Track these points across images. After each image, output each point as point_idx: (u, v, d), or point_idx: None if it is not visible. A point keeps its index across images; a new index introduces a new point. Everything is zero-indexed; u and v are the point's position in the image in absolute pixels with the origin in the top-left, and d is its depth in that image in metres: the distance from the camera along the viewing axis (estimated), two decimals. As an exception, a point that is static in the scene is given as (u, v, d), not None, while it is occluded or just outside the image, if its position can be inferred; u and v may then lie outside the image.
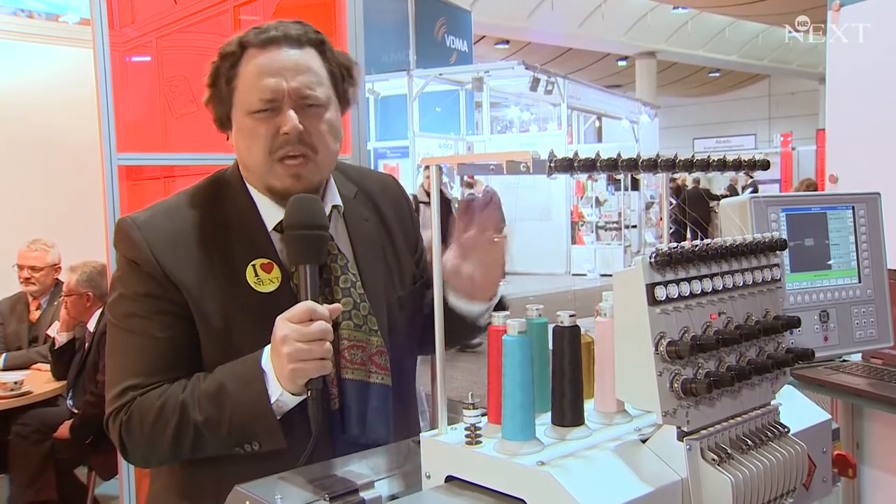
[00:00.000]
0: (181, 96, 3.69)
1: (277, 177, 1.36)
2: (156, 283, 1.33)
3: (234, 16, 3.50)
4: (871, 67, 3.04)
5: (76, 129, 4.89)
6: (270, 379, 1.25)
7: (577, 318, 1.04)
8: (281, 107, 1.34)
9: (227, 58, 1.37)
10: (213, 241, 1.37)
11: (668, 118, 24.71)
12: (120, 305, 1.36)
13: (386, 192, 1.60)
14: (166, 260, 1.33)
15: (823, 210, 1.58)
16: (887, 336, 1.61)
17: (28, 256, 4.46)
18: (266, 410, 1.25)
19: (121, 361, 1.35)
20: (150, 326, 1.33)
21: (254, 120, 1.35)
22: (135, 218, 1.37)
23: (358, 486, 1.04)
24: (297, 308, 1.24)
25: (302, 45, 1.38)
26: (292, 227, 1.31)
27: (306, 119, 1.35)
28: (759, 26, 21.39)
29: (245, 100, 1.35)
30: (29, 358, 4.37)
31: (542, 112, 17.76)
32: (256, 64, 1.35)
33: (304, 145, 1.35)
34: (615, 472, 0.94)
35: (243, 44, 1.36)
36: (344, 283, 1.40)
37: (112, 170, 2.78)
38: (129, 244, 1.35)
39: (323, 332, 1.23)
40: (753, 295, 1.05)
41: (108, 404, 1.34)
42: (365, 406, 1.38)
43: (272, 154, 1.35)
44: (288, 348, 1.21)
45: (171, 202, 1.43)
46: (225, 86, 1.37)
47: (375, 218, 1.54)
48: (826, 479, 1.15)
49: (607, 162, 0.97)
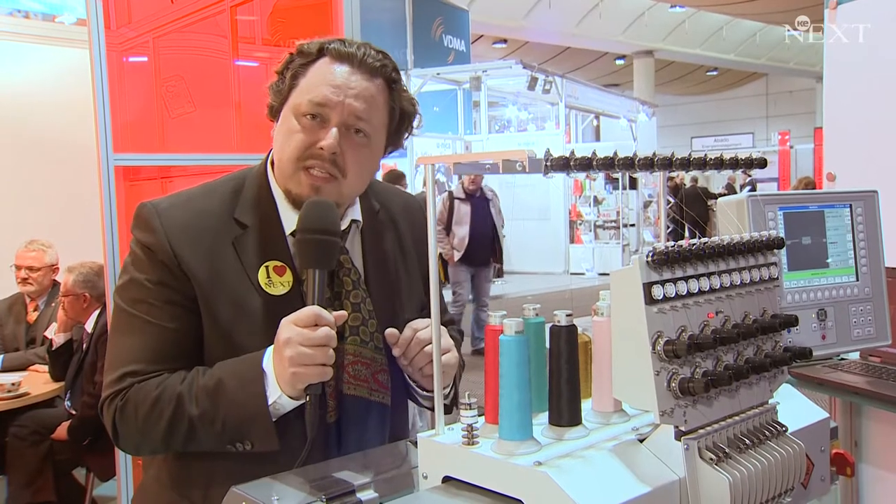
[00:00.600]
0: (178, 97, 3.69)
1: (298, 184, 1.36)
2: (169, 273, 1.33)
3: (231, 16, 3.49)
4: (868, 65, 3.04)
5: (73, 129, 4.89)
6: (270, 380, 1.25)
7: (575, 318, 1.03)
8: (328, 121, 1.34)
9: (303, 56, 1.38)
10: (230, 237, 1.36)
11: (665, 117, 24.73)
12: (130, 290, 1.35)
13: (408, 212, 1.59)
14: (182, 251, 1.33)
15: (821, 208, 1.58)
16: (885, 334, 1.61)
17: (26, 257, 4.45)
18: (262, 412, 1.25)
19: (123, 345, 1.34)
20: (157, 314, 1.32)
21: (298, 122, 1.35)
22: (156, 204, 1.37)
23: (354, 487, 1.04)
24: (303, 312, 1.23)
25: (376, 75, 1.38)
26: (304, 231, 1.31)
27: (347, 143, 1.35)
28: (756, 25, 21.40)
29: (298, 99, 1.36)
30: (26, 359, 4.36)
31: (540, 111, 17.77)
32: (324, 71, 1.36)
33: (335, 166, 1.35)
34: (613, 472, 0.94)
35: (322, 49, 1.37)
36: (354, 299, 1.40)
37: (109, 170, 2.78)
38: (148, 230, 1.35)
39: (327, 337, 1.22)
40: (751, 294, 1.05)
41: (105, 388, 1.33)
42: (364, 423, 1.38)
43: (300, 161, 1.35)
44: (291, 351, 1.21)
45: (194, 193, 1.43)
46: (289, 80, 1.38)
47: (393, 238, 1.53)
48: (824, 477, 1.14)
49: (604, 161, 0.97)
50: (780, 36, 21.18)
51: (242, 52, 3.45)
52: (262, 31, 3.53)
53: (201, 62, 3.74)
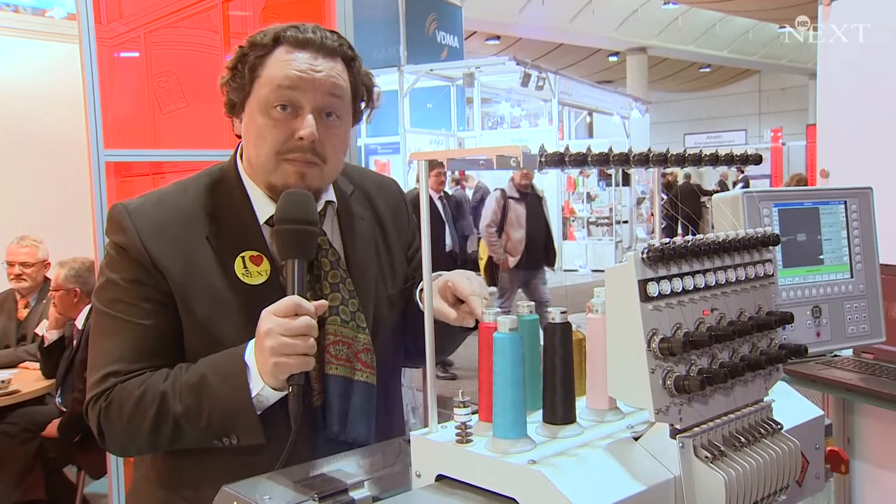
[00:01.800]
0: (170, 92, 3.67)
1: (282, 174, 1.36)
2: (143, 270, 1.32)
3: (223, 11, 3.48)
4: (861, 62, 3.04)
5: (63, 124, 4.85)
6: (253, 373, 1.25)
7: (569, 315, 1.03)
8: (300, 110, 1.34)
9: (258, 48, 1.36)
10: (204, 231, 1.36)
11: (659, 114, 24.79)
12: (106, 291, 1.35)
13: (383, 191, 1.60)
14: (154, 247, 1.32)
15: (816, 205, 1.57)
16: (879, 331, 1.60)
17: (18, 252, 4.43)
18: (246, 405, 1.25)
19: (104, 346, 1.34)
20: (135, 313, 1.32)
21: (270, 117, 1.34)
22: (126, 205, 1.37)
23: (347, 486, 1.03)
24: (282, 302, 1.23)
25: (335, 56, 1.38)
26: (282, 222, 1.31)
27: (322, 129, 1.35)
28: (749, 22, 21.45)
29: (266, 94, 1.34)
30: (17, 356, 4.33)
31: (534, 108, 17.80)
32: (286, 61, 1.34)
33: (315, 154, 1.35)
34: (607, 471, 0.93)
35: (278, 38, 1.35)
36: (333, 279, 1.39)
37: (99, 166, 2.76)
38: (119, 230, 1.35)
39: (308, 327, 1.22)
40: (746, 291, 1.04)
41: (88, 389, 1.33)
42: (347, 403, 1.37)
43: (280, 154, 1.35)
44: (272, 342, 1.21)
45: (165, 191, 1.43)
46: (248, 73, 1.36)
47: (370, 216, 1.54)
48: (819, 475, 1.14)
49: (598, 157, 0.96)
50: (773, 33, 21.27)
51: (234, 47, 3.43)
52: (255, 27, 3.51)
53: (193, 58, 3.73)
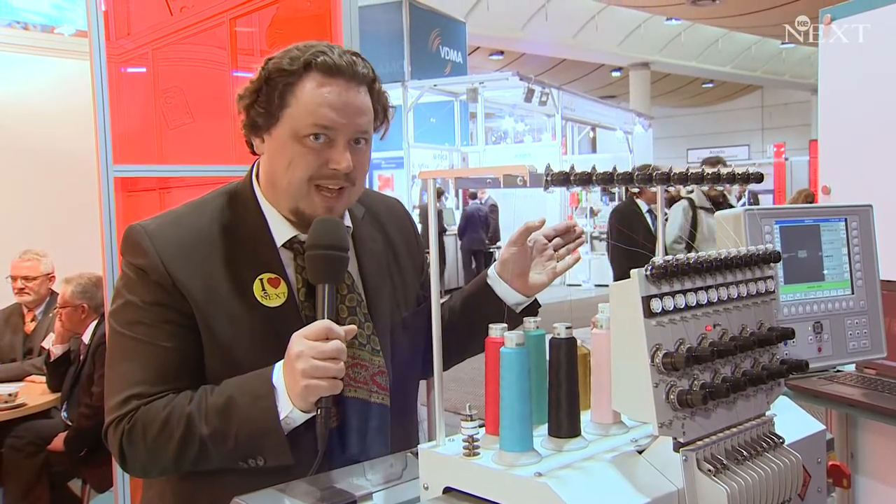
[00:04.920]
0: (177, 108, 3.70)
1: (311, 204, 1.37)
2: (164, 292, 1.33)
3: (230, 28, 3.51)
4: (862, 79, 3.06)
5: (72, 140, 4.89)
6: (281, 395, 1.25)
7: (574, 329, 1.04)
8: (335, 140, 1.35)
9: (286, 74, 1.35)
10: (222, 252, 1.37)
11: (662, 129, 24.81)
12: (125, 313, 1.35)
13: (391, 213, 1.62)
14: (175, 269, 1.33)
15: (816, 222, 1.59)
16: (880, 347, 1.62)
17: (21, 267, 4.45)
18: (275, 426, 1.25)
19: (124, 369, 1.34)
20: (156, 335, 1.32)
21: (303, 145, 1.34)
22: (144, 226, 1.37)
23: (356, 498, 1.05)
24: (314, 326, 1.24)
25: (363, 82, 1.39)
26: (316, 247, 1.32)
27: (354, 155, 1.37)
28: (751, 38, 21.52)
29: (299, 122, 1.34)
30: (23, 370, 4.34)
31: (537, 123, 17.82)
32: (320, 93, 1.34)
33: (347, 180, 1.38)
34: (612, 483, 0.95)
35: (309, 64, 1.34)
36: (350, 302, 1.41)
37: (108, 181, 2.78)
38: (139, 252, 1.35)
39: (338, 350, 1.23)
40: (748, 307, 1.06)
41: (108, 412, 1.33)
42: (365, 425, 1.38)
43: (312, 181, 1.36)
44: (303, 364, 1.22)
45: (181, 211, 1.44)
46: (276, 99, 1.35)
47: (382, 239, 1.55)
48: (821, 489, 1.15)
49: (603, 176, 0.98)
50: (776, 49, 21.34)
51: (241, 63, 3.46)
52: (261, 43, 3.55)
53: (200, 73, 3.76)
